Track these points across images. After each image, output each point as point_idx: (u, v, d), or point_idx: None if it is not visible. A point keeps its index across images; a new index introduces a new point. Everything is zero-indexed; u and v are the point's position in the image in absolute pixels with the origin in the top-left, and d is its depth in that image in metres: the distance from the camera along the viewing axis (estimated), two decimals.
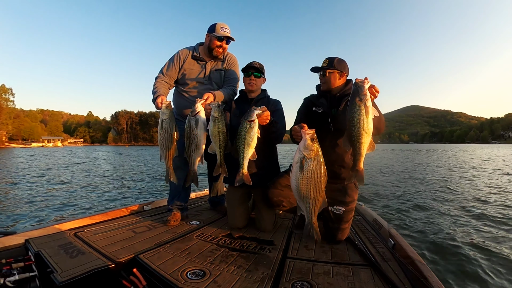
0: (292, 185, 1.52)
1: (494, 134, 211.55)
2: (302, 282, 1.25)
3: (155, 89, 2.08)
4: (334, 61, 1.80)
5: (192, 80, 2.21)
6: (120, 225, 2.04)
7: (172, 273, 1.30)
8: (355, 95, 1.38)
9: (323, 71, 1.83)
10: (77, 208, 5.05)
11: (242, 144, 1.60)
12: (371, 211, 2.45)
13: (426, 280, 1.20)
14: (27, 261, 1.49)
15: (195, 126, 1.75)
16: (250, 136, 1.58)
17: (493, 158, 19.83)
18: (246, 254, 1.57)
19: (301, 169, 1.45)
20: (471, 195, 5.98)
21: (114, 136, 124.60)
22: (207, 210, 2.58)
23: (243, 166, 1.65)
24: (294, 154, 1.51)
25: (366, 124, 1.37)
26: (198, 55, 2.21)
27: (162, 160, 1.85)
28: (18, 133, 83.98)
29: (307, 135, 1.46)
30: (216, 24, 2.12)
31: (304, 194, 1.47)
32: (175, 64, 2.19)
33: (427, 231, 3.56)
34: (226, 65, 2.29)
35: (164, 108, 1.78)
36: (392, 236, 1.78)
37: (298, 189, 1.48)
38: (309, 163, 1.44)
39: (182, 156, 1.95)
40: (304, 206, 1.51)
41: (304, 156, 1.45)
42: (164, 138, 1.78)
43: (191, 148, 1.78)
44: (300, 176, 1.46)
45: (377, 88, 1.44)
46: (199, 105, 1.77)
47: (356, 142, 1.40)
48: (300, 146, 1.48)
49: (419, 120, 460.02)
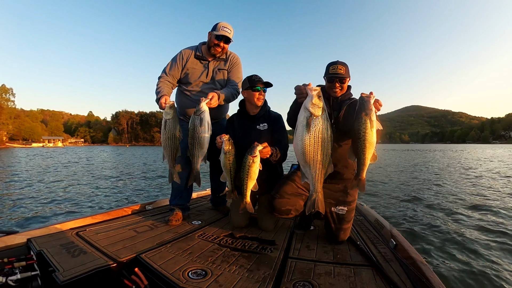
0: (297, 148, 1.42)
1: (495, 134, 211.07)
2: (303, 282, 1.25)
3: (158, 89, 2.07)
4: (347, 67, 1.75)
5: (195, 80, 2.21)
6: (122, 224, 2.04)
7: (174, 273, 1.30)
8: (361, 110, 1.40)
9: (344, 80, 1.74)
10: (79, 207, 5.06)
11: (246, 177, 1.70)
12: (373, 212, 2.45)
13: (428, 281, 1.20)
14: (29, 260, 1.49)
15: (199, 125, 1.76)
16: (253, 169, 1.69)
17: (497, 158, 19.76)
18: (247, 254, 1.57)
19: (307, 129, 1.35)
20: (475, 195, 5.96)
21: (114, 136, 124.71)
22: (209, 210, 2.58)
23: (246, 196, 1.74)
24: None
25: (371, 137, 1.40)
26: (200, 55, 2.21)
27: (165, 160, 1.85)
28: (18, 133, 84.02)
29: (313, 91, 1.36)
30: (218, 23, 2.13)
31: (311, 157, 1.37)
32: (178, 64, 2.19)
33: (430, 231, 3.55)
34: (229, 65, 2.29)
35: (168, 108, 1.79)
36: (394, 237, 1.78)
37: (304, 152, 1.37)
38: (316, 122, 1.35)
39: (185, 156, 1.95)
40: (310, 172, 1.40)
41: (311, 114, 1.34)
42: (167, 138, 1.79)
43: (195, 147, 1.80)
44: (307, 137, 1.35)
45: (381, 102, 1.47)
46: (204, 104, 1.78)
47: (361, 154, 1.42)
48: (306, 103, 1.37)
49: (420, 120, 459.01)
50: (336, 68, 1.71)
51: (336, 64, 1.73)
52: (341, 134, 1.73)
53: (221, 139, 1.77)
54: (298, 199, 1.80)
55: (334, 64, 1.74)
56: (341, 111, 1.75)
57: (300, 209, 1.83)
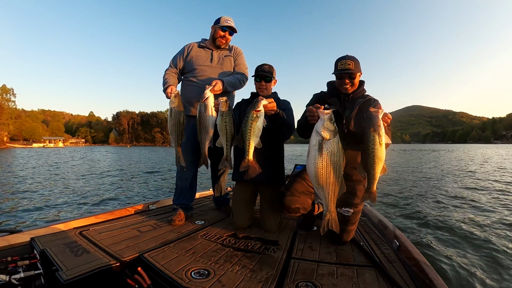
0: (310, 171, 1.43)
1: (496, 134, 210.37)
2: (306, 283, 1.25)
3: (165, 80, 2.19)
4: (356, 61, 1.68)
5: (200, 65, 2.26)
6: (125, 224, 2.04)
7: (177, 272, 1.30)
8: (369, 125, 1.40)
9: (353, 75, 1.69)
10: (82, 207, 5.06)
11: (248, 133, 1.62)
12: (376, 212, 2.44)
13: (431, 282, 1.20)
14: (32, 259, 1.50)
15: (204, 111, 1.82)
16: (256, 125, 1.61)
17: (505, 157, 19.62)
18: (250, 254, 1.57)
19: (319, 153, 1.37)
20: (481, 196, 5.90)
21: (115, 137, 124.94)
22: (212, 210, 2.58)
23: (249, 153, 1.66)
24: (307, 151, 1.46)
25: (380, 153, 1.41)
26: (204, 45, 2.31)
27: (172, 145, 1.94)
28: (19, 133, 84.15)
29: (325, 115, 1.38)
30: (221, 17, 2.24)
31: (324, 179, 1.39)
32: (182, 55, 2.29)
33: (433, 232, 3.52)
34: (233, 53, 2.36)
35: (173, 97, 1.87)
36: (397, 237, 1.77)
37: (317, 175, 1.39)
38: (328, 145, 1.37)
39: (190, 156, 2.04)
40: (323, 193, 1.42)
41: (323, 138, 1.37)
42: (173, 125, 1.87)
43: (202, 132, 1.86)
44: (319, 160, 1.37)
45: (390, 116, 1.47)
46: (208, 91, 1.84)
47: (371, 169, 1.44)
48: (318, 127, 1.40)
49: (421, 120, 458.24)
50: (345, 64, 1.66)
51: (345, 59, 1.67)
52: (351, 134, 1.70)
53: (218, 101, 1.74)
54: (307, 198, 1.79)
55: (343, 59, 1.68)
56: (353, 111, 1.71)
57: (308, 208, 1.82)
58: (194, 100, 2.20)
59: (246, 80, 2.32)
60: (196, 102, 2.09)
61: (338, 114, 1.73)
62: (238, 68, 2.33)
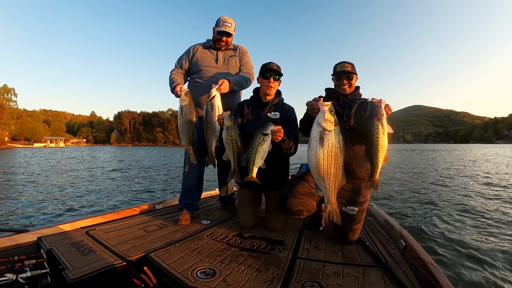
0: (311, 162, 1.46)
1: (498, 134, 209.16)
2: (312, 283, 1.25)
3: (172, 79, 2.20)
4: (353, 65, 1.82)
5: (206, 65, 2.26)
6: (132, 223, 2.05)
7: (183, 272, 1.30)
8: (373, 115, 1.47)
9: (351, 76, 1.80)
10: (89, 207, 5.09)
11: (254, 154, 1.65)
12: (382, 212, 2.44)
13: (437, 282, 1.20)
14: (39, 259, 1.52)
15: (210, 110, 1.84)
16: (263, 148, 1.64)
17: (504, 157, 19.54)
18: (256, 254, 1.57)
19: (320, 144, 1.40)
20: (486, 196, 5.87)
21: (117, 136, 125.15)
22: (218, 210, 2.58)
23: (253, 171, 1.68)
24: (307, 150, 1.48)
25: (383, 142, 1.47)
26: (209, 46, 2.32)
27: (182, 143, 1.95)
28: (20, 133, 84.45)
29: (325, 106, 1.41)
30: (220, 17, 2.23)
31: (325, 171, 1.41)
32: (187, 56, 2.30)
33: (439, 232, 3.50)
34: (239, 52, 2.36)
35: (184, 95, 1.87)
36: (403, 237, 1.77)
37: (318, 166, 1.42)
38: (329, 137, 1.40)
39: (197, 156, 2.05)
40: (324, 184, 1.45)
41: (324, 129, 1.40)
42: (184, 123, 1.87)
43: (208, 131, 1.88)
44: (320, 151, 1.40)
45: (390, 107, 1.53)
46: (214, 90, 1.86)
47: (374, 157, 1.50)
48: (318, 119, 1.42)
49: (423, 120, 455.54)
50: (343, 66, 1.80)
51: (343, 62, 1.82)
52: (353, 133, 1.73)
53: (223, 115, 1.75)
54: (311, 199, 1.78)
55: (341, 63, 1.83)
56: (352, 110, 1.76)
57: (312, 209, 1.81)
58: (200, 101, 2.19)
59: (252, 79, 2.32)
60: (202, 103, 2.09)
61: (338, 113, 1.77)
62: (244, 67, 2.33)
